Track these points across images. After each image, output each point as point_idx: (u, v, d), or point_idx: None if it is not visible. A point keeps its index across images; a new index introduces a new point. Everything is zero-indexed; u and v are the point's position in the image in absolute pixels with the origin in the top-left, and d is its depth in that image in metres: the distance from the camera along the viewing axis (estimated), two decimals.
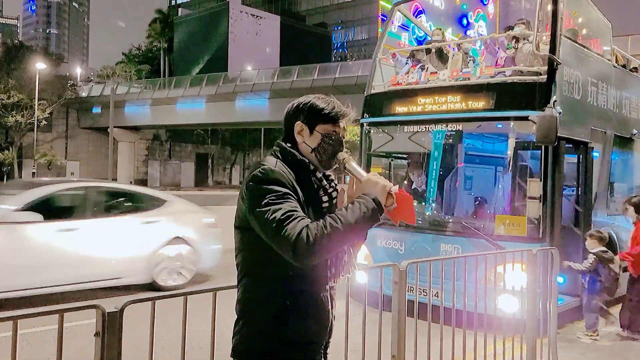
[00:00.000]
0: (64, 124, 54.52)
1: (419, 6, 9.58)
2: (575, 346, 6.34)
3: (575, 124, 7.21)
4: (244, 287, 1.93)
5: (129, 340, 2.80)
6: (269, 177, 1.84)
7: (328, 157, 1.98)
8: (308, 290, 1.88)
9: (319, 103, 2.04)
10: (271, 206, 1.77)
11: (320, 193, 1.97)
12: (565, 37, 7.05)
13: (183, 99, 47.06)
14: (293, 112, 2.06)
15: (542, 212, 6.52)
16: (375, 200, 1.81)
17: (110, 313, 1.90)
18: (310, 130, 2.01)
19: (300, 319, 1.86)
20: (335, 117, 2.02)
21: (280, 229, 1.73)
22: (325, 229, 1.73)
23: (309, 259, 1.73)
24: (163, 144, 60.63)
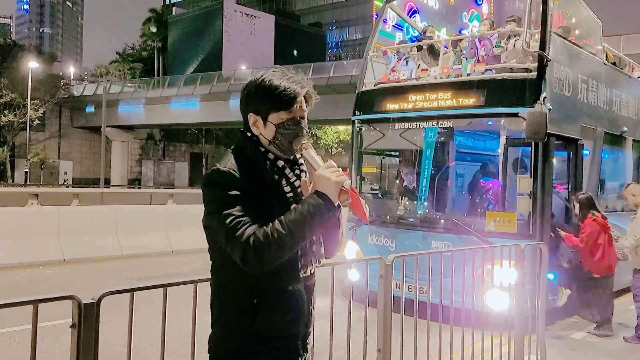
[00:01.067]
0: (57, 123, 54.25)
1: (413, 6, 9.59)
2: (565, 342, 6.35)
3: (566, 120, 7.23)
4: (214, 286, 1.91)
5: (113, 332, 2.79)
6: (218, 179, 1.78)
7: (288, 145, 1.88)
8: (278, 286, 1.83)
9: (266, 85, 1.85)
10: (220, 212, 1.73)
11: (282, 183, 1.88)
12: (556, 34, 7.07)
13: (177, 98, 46.93)
14: (244, 101, 1.92)
15: (532, 209, 6.53)
16: (325, 198, 1.73)
17: (87, 304, 1.87)
18: (264, 120, 1.87)
19: (271, 315, 1.81)
20: (288, 102, 1.85)
21: (228, 238, 1.71)
22: (271, 236, 1.68)
23: (258, 267, 1.70)
24: (157, 143, 60.42)
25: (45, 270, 9.63)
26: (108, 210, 12.14)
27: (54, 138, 54.03)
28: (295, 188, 1.89)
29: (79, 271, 9.72)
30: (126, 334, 2.17)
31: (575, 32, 8.81)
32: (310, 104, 1.94)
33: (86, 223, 11.12)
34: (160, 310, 2.27)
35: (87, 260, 10.49)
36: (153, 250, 11.52)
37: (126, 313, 2.16)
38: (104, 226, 11.29)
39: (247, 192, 1.76)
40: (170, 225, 12.32)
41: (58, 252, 10.40)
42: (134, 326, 2.15)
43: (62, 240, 10.54)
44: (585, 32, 8.94)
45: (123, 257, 11.06)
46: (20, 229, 10.22)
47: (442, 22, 9.85)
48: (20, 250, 9.91)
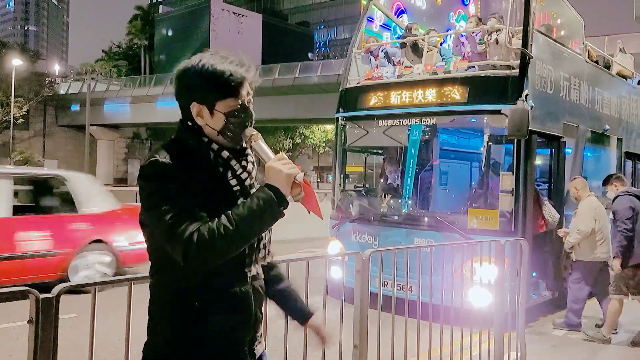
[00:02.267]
0: (42, 121, 53.73)
1: (400, 5, 9.57)
2: (547, 339, 6.37)
3: (548, 118, 7.26)
4: (153, 288, 1.74)
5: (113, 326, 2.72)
6: (157, 171, 1.62)
7: (237, 134, 1.73)
8: (223, 287, 1.68)
9: (209, 71, 1.69)
10: (159, 207, 1.58)
11: (228, 176, 1.72)
12: (539, 32, 7.09)
13: (163, 97, 46.63)
14: (183, 90, 1.75)
15: (515, 206, 6.54)
16: (276, 192, 1.61)
17: (45, 299, 1.81)
18: (210, 110, 1.71)
19: (214, 319, 1.66)
20: (235, 88, 1.70)
21: (169, 235, 1.56)
22: (218, 232, 1.54)
23: (201, 265, 1.56)
24: (143, 142, 60.05)
25: None
26: None
27: (38, 137, 53.49)
28: (242, 181, 1.76)
29: None
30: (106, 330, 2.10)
31: (560, 32, 8.85)
32: (253, 88, 1.80)
33: None
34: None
35: None
36: None
37: (121, 310, 2.07)
38: None
39: (189, 185, 1.62)
40: None
41: None
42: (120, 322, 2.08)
43: None
44: (568, 31, 8.99)
45: None
46: None
47: (430, 22, 9.85)
48: None
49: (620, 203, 6.26)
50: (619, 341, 6.34)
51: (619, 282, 6.19)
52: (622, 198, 6.30)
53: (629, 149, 9.83)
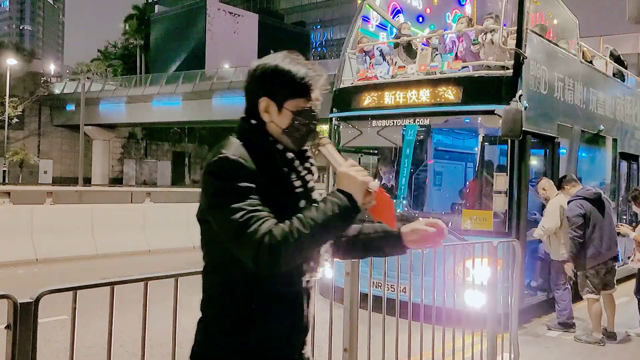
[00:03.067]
0: (37, 121, 53.48)
1: (396, 5, 9.54)
2: (541, 340, 6.34)
3: (542, 118, 7.24)
4: (206, 285, 1.72)
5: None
6: (226, 168, 1.58)
7: (302, 136, 1.72)
8: (280, 291, 1.66)
9: (285, 69, 1.69)
10: (229, 205, 1.53)
11: (292, 177, 1.70)
12: (533, 32, 7.07)
13: (159, 97, 46.55)
14: (255, 83, 1.73)
15: (509, 206, 6.52)
16: (350, 199, 1.57)
17: (23, 304, 1.76)
18: (279, 107, 1.70)
19: (268, 323, 1.64)
20: (307, 88, 1.70)
21: (239, 235, 1.52)
22: (291, 236, 1.50)
23: (271, 268, 1.52)
24: (139, 142, 59.86)
25: (16, 270, 9.44)
26: (83, 209, 11.95)
27: (33, 136, 53.25)
28: (306, 182, 1.74)
29: (51, 271, 9.54)
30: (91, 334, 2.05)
31: (557, 33, 8.84)
32: (321, 98, 1.77)
33: (60, 222, 10.93)
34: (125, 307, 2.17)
35: (60, 259, 10.29)
36: (129, 250, 11.34)
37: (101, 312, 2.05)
38: (79, 225, 11.10)
39: (257, 184, 1.59)
40: (147, 224, 12.15)
41: (31, 251, 10.20)
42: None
43: (35, 239, 10.34)
44: (563, 32, 8.98)
45: (98, 257, 10.88)
46: None
47: (426, 23, 9.83)
48: None
49: (571, 210, 6.30)
50: (613, 342, 6.33)
51: (584, 283, 6.26)
52: (572, 204, 6.33)
53: (624, 150, 9.83)
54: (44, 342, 5.20)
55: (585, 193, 6.42)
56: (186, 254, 11.43)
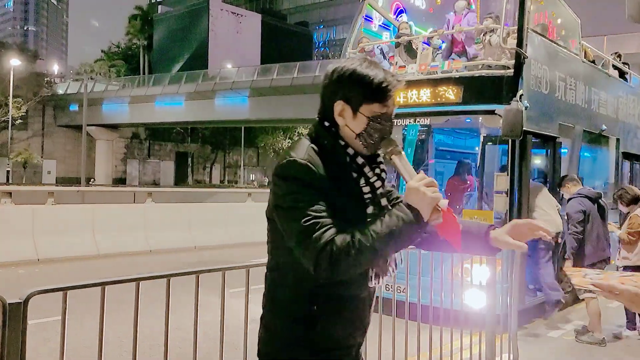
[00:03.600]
0: (40, 122, 53.69)
1: (399, 5, 9.51)
2: (541, 341, 6.32)
3: (543, 118, 7.21)
4: (269, 283, 1.74)
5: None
6: (294, 171, 1.59)
7: (375, 142, 1.68)
8: (342, 294, 1.66)
9: (363, 73, 1.67)
10: (294, 209, 1.56)
11: (361, 182, 1.68)
12: (534, 31, 7.04)
13: (162, 97, 46.64)
14: (332, 85, 1.71)
15: (509, 207, 6.50)
16: (417, 215, 1.54)
17: (13, 305, 1.76)
18: (354, 111, 1.68)
19: (329, 324, 1.65)
20: (384, 94, 1.67)
21: (301, 240, 1.54)
22: (353, 247, 1.50)
23: (329, 276, 1.53)
24: (142, 142, 60.02)
25: (17, 270, 9.46)
26: (84, 209, 11.96)
27: (37, 137, 53.46)
28: (375, 189, 1.71)
29: (52, 271, 9.55)
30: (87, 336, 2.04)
31: (561, 32, 8.80)
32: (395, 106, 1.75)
33: (62, 222, 10.94)
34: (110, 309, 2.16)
35: (62, 259, 10.31)
36: (130, 250, 11.35)
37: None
38: (80, 225, 11.11)
39: (324, 189, 1.59)
40: (148, 224, 12.15)
41: (32, 251, 10.22)
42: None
43: (36, 239, 10.35)
44: (565, 31, 8.94)
45: (99, 257, 10.90)
46: None
47: (430, 22, 9.79)
48: None
49: (571, 206, 6.42)
50: (614, 343, 6.31)
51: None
52: (573, 201, 6.46)
53: (627, 149, 9.78)
54: (43, 342, 5.20)
55: (586, 192, 6.53)
56: (187, 254, 11.48)
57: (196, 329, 2.74)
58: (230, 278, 2.94)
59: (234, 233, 12.98)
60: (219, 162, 66.67)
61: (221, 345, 2.83)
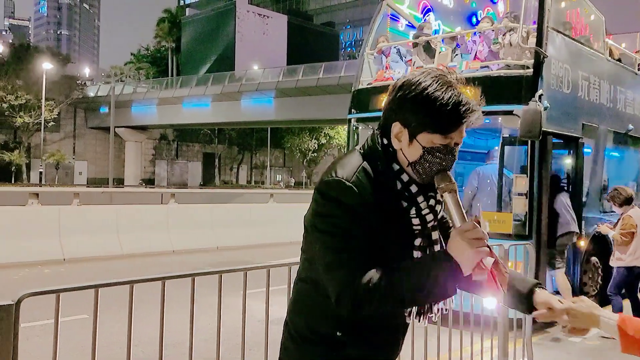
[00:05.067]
0: (72, 124, 54.93)
1: (427, 4, 9.45)
2: (562, 345, 6.19)
3: (565, 118, 7.06)
4: (297, 292, 1.66)
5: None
6: (338, 192, 1.46)
7: (430, 174, 1.51)
8: (370, 323, 1.56)
9: (430, 98, 1.46)
10: (329, 235, 1.46)
11: (411, 213, 1.54)
12: (554, 30, 6.90)
13: (189, 99, 47.21)
14: (393, 105, 1.53)
15: (529, 209, 6.38)
16: (456, 267, 1.40)
17: (4, 306, 1.79)
18: (410, 137, 1.50)
19: (353, 350, 1.56)
20: (450, 125, 1.48)
21: (329, 269, 1.46)
22: (378, 291, 1.40)
23: (350, 313, 1.45)
24: (170, 143, 60.85)
25: (43, 270, 9.66)
26: (109, 210, 12.18)
27: (68, 138, 54.69)
28: (426, 222, 1.56)
29: (77, 270, 9.74)
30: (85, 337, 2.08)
31: (597, 29, 8.59)
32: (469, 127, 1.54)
33: (87, 222, 11.16)
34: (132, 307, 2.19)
35: (87, 259, 10.51)
36: (154, 250, 11.52)
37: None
38: (105, 225, 11.32)
39: (366, 217, 1.46)
40: (171, 224, 12.32)
41: (58, 251, 10.44)
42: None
43: (62, 239, 10.58)
44: (591, 29, 8.75)
45: (123, 257, 11.07)
46: (20, 229, 10.27)
47: (457, 21, 9.69)
48: (20, 250, 9.96)
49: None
50: None
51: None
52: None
53: None
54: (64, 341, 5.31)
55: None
56: (209, 254, 11.58)
57: (219, 328, 2.75)
58: (251, 278, 2.95)
59: (255, 234, 13.07)
60: (246, 163, 67.14)
61: (243, 345, 2.84)
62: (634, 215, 6.37)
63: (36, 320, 5.38)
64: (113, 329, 5.16)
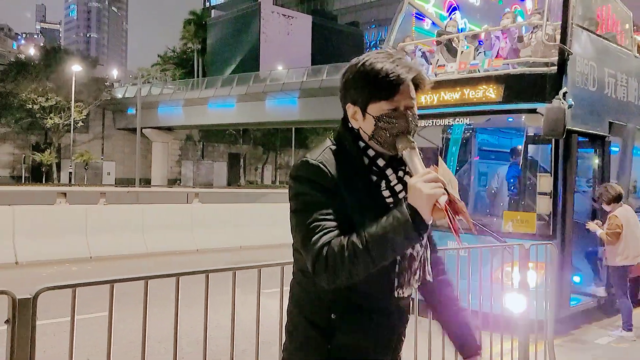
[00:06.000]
0: (101, 125, 55.92)
1: (452, 2, 9.37)
2: (588, 348, 6.07)
3: (590, 117, 6.93)
4: (293, 287, 1.71)
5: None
6: (306, 173, 1.54)
7: (388, 142, 1.56)
8: (362, 305, 1.59)
9: (365, 70, 1.56)
10: (301, 211, 1.52)
11: (382, 186, 1.58)
12: (579, 26, 6.78)
13: (214, 99, 47.61)
14: (342, 90, 1.65)
15: (553, 208, 6.28)
16: (414, 214, 1.41)
17: (21, 300, 1.85)
18: (363, 112, 1.58)
19: (347, 336, 1.58)
20: (390, 89, 1.54)
21: (304, 242, 1.49)
22: (347, 250, 1.42)
23: (329, 282, 1.46)
24: (196, 144, 61.48)
25: (71, 267, 9.87)
26: (134, 209, 12.38)
27: (97, 139, 55.70)
28: (396, 193, 1.60)
29: (103, 268, 9.91)
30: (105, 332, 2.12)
31: (625, 26, 8.42)
32: (424, 91, 1.62)
33: (113, 221, 11.36)
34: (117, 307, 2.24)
35: (113, 257, 10.70)
36: (178, 249, 11.66)
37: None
38: (131, 224, 11.51)
39: (336, 193, 1.52)
40: (195, 224, 12.46)
41: (85, 249, 10.65)
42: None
43: (89, 238, 10.79)
44: (619, 25, 8.56)
45: (148, 255, 11.24)
46: (48, 227, 10.51)
47: (484, 19, 9.58)
48: (48, 248, 10.19)
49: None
50: None
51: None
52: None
53: None
54: (88, 337, 5.40)
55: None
56: (232, 253, 11.67)
57: (233, 325, 2.76)
58: (267, 277, 2.96)
59: (277, 233, 13.03)
60: (271, 163, 67.46)
61: (257, 343, 2.86)
62: (620, 214, 6.35)
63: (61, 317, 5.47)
64: (133, 326, 5.25)
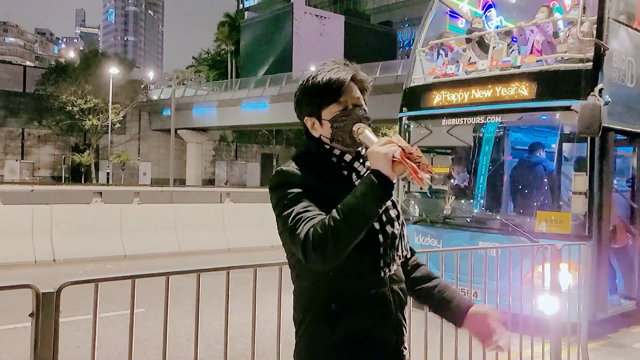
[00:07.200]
0: (137, 126, 57.03)
1: (488, 0, 9.24)
2: (625, 352, 5.88)
3: (629, 114, 6.72)
4: (294, 294, 1.79)
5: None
6: (278, 179, 1.69)
7: (349, 137, 1.71)
8: (358, 290, 1.68)
9: (308, 85, 1.75)
10: (284, 212, 1.63)
11: (353, 178, 1.73)
12: (616, 21, 6.58)
13: (247, 100, 48.01)
14: (297, 108, 1.81)
15: (588, 208, 6.10)
16: (377, 174, 1.53)
17: (46, 294, 1.89)
18: (319, 120, 1.74)
19: (350, 321, 1.66)
20: (334, 92, 1.72)
21: (291, 237, 1.59)
22: (329, 225, 1.52)
23: (320, 261, 1.55)
24: (229, 144, 62.12)
25: (106, 265, 10.08)
26: (167, 209, 12.57)
27: (134, 140, 56.84)
28: None
29: (137, 266, 10.09)
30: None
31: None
32: (366, 87, 1.81)
33: (147, 220, 11.56)
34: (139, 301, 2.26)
35: (146, 256, 10.88)
36: (210, 248, 11.79)
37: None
38: (164, 223, 11.69)
39: (311, 188, 1.65)
40: (227, 223, 12.58)
41: (120, 247, 10.87)
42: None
43: (123, 236, 11.01)
44: None
45: (181, 254, 11.39)
46: (85, 226, 10.78)
47: (520, 16, 9.40)
48: (84, 246, 10.44)
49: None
50: None
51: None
52: None
53: None
54: (122, 333, 5.50)
55: None
56: (263, 252, 11.71)
57: (254, 323, 2.78)
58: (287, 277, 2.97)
59: None
60: None
61: (278, 342, 2.87)
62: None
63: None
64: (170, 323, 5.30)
